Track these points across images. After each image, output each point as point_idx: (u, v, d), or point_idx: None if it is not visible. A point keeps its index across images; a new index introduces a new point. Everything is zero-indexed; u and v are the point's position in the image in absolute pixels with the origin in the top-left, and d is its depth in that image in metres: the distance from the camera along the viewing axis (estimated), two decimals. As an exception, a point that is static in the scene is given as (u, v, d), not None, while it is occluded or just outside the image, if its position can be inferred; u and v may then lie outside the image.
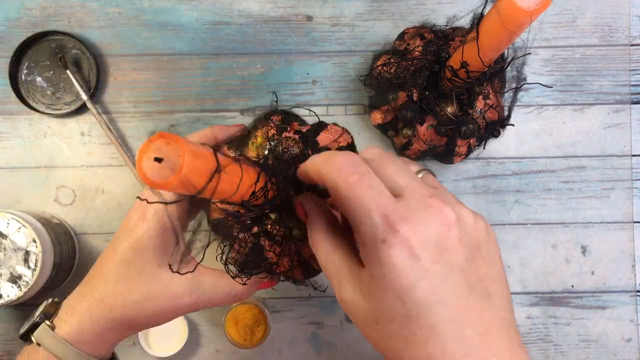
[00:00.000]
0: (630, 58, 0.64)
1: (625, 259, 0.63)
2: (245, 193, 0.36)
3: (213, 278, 0.45)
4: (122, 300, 0.43)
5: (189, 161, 0.28)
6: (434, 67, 0.54)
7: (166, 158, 0.28)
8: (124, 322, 0.43)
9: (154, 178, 0.28)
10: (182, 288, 0.43)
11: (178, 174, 0.27)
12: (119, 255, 0.43)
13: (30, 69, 0.61)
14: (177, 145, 0.28)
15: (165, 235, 0.43)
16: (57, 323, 0.43)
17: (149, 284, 0.43)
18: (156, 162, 0.28)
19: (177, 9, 0.62)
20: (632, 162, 0.63)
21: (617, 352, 0.63)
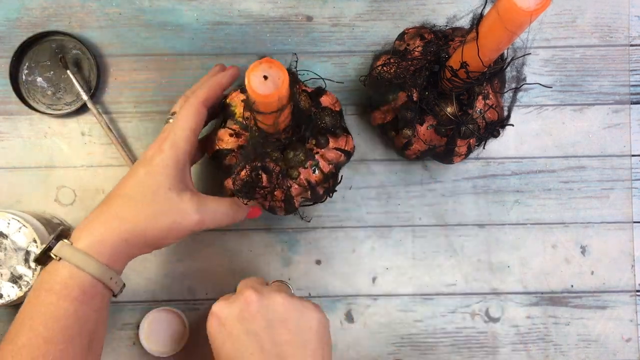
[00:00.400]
0: (630, 58, 0.64)
1: (625, 259, 0.63)
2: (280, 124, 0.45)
3: (215, 201, 0.52)
4: (137, 213, 0.48)
5: (286, 83, 0.38)
6: (433, 67, 0.54)
7: (270, 77, 0.38)
8: (139, 235, 0.48)
9: (259, 91, 0.38)
10: (190, 207, 0.50)
11: (279, 90, 0.38)
12: (135, 178, 0.49)
13: (31, 69, 0.61)
14: (279, 70, 0.38)
15: (177, 166, 0.50)
16: (73, 240, 0.47)
17: (161, 202, 0.48)
18: (264, 79, 0.38)
19: (177, 9, 0.62)
20: (632, 162, 0.64)
21: (617, 352, 0.63)
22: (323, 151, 0.53)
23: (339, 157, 0.54)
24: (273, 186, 0.51)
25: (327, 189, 0.55)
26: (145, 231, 0.48)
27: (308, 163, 0.52)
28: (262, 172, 0.51)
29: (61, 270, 0.45)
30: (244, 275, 0.63)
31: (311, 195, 0.54)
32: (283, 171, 0.51)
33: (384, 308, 0.63)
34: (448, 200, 0.63)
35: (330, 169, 0.53)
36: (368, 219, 0.63)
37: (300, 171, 0.52)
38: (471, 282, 0.63)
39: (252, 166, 0.50)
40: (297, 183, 0.52)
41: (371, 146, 0.63)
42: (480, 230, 0.63)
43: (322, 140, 0.52)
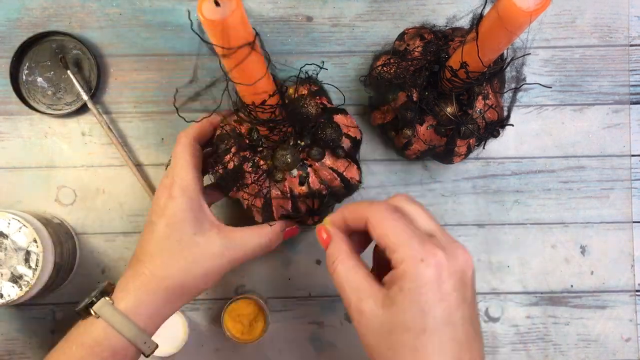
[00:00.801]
0: (630, 58, 0.64)
1: (625, 258, 0.63)
2: (258, 96, 0.42)
3: (242, 233, 0.51)
4: (171, 269, 0.47)
5: (239, 13, 0.35)
6: (433, 67, 0.54)
7: (222, 4, 0.35)
8: (177, 290, 0.47)
9: (212, 17, 0.35)
10: (219, 248, 0.49)
11: (231, 16, 0.35)
12: (157, 233, 0.48)
13: (31, 69, 0.61)
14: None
15: (193, 207, 0.49)
16: (114, 299, 0.47)
17: (190, 251, 0.48)
18: (215, 5, 0.35)
19: (177, 9, 0.63)
20: (632, 162, 0.64)
21: (617, 351, 0.63)
22: (317, 166, 0.51)
23: (334, 180, 0.51)
24: (253, 180, 0.49)
25: (311, 209, 0.52)
26: (183, 285, 0.48)
27: (296, 172, 0.50)
28: (247, 164, 0.49)
29: (97, 327, 0.45)
30: (244, 275, 0.63)
31: (292, 208, 0.52)
32: (270, 170, 0.49)
33: (383, 308, 0.63)
34: (448, 200, 0.63)
35: (319, 188, 0.51)
36: (368, 219, 0.63)
37: (286, 177, 0.50)
38: (471, 282, 0.63)
39: (240, 155, 0.49)
40: (278, 188, 0.50)
41: (371, 146, 0.63)
42: (479, 230, 0.63)
43: (315, 151, 0.50)
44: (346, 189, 0.53)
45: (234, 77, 0.41)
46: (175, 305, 0.49)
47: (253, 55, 0.38)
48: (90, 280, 0.62)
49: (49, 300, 0.62)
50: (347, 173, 0.52)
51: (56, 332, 0.62)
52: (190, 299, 0.50)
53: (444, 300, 0.37)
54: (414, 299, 0.36)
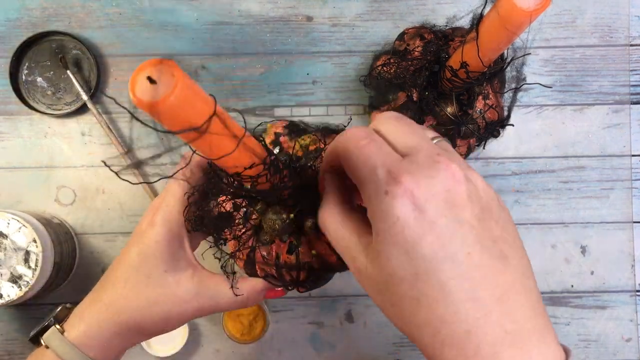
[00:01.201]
0: (630, 58, 0.64)
1: (625, 258, 0.63)
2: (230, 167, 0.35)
3: (218, 282, 0.45)
4: (129, 304, 0.43)
5: (182, 89, 0.27)
6: (433, 67, 0.54)
7: (160, 82, 0.27)
8: (131, 327, 0.43)
9: (143, 98, 0.27)
10: (188, 293, 0.43)
11: (169, 96, 0.27)
12: (128, 261, 0.44)
13: (31, 69, 0.61)
14: (172, 70, 0.27)
15: (172, 242, 0.43)
16: (66, 327, 0.43)
17: (155, 289, 0.43)
18: (149, 82, 0.27)
19: (177, 9, 0.62)
20: (632, 162, 0.64)
21: (617, 351, 0.63)
22: (313, 237, 0.43)
23: (330, 256, 0.44)
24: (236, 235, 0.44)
25: (296, 280, 0.45)
26: (140, 323, 0.43)
27: (287, 238, 0.44)
28: (237, 213, 0.43)
29: (49, 357, 0.42)
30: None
31: (276, 273, 0.45)
32: (257, 227, 0.43)
33: (384, 308, 0.63)
34: (448, 200, 0.63)
35: (310, 261, 0.44)
36: (368, 219, 0.63)
37: (275, 240, 0.44)
38: (471, 282, 0.63)
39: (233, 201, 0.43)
40: (264, 250, 0.44)
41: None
42: (480, 230, 0.63)
43: (309, 223, 0.42)
44: (344, 266, 0.41)
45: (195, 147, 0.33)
46: (129, 342, 0.44)
47: (207, 136, 0.30)
48: (90, 280, 0.62)
49: (49, 300, 0.62)
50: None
51: (56, 332, 0.62)
52: (148, 338, 0.46)
53: (429, 232, 0.29)
54: (392, 241, 0.29)
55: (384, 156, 0.31)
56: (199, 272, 0.44)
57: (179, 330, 0.60)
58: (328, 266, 0.44)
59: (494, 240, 0.30)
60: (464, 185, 0.30)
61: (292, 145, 0.45)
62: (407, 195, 0.29)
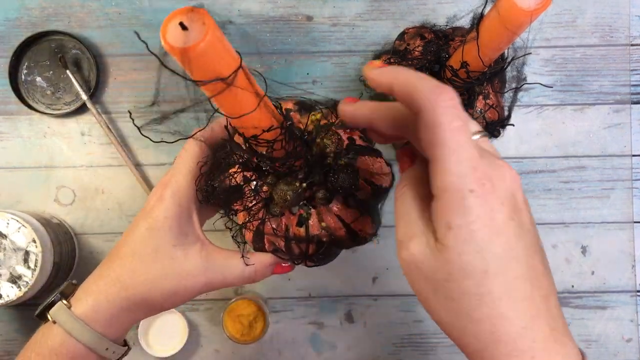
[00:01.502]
0: (630, 58, 0.64)
1: (625, 259, 0.63)
2: (248, 128, 0.36)
3: (226, 257, 0.45)
4: (137, 278, 0.43)
5: (212, 37, 0.28)
6: (434, 67, 0.54)
7: (191, 28, 0.29)
8: (139, 301, 0.43)
9: (175, 43, 0.29)
10: (197, 267, 0.44)
11: (200, 42, 0.28)
12: (136, 235, 0.44)
13: (30, 69, 0.61)
14: (203, 18, 0.28)
15: (181, 217, 0.44)
16: (73, 302, 0.43)
17: (164, 263, 0.43)
18: (181, 28, 0.29)
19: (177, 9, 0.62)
20: (632, 162, 0.63)
21: (618, 352, 0.63)
22: (323, 209, 0.44)
23: (339, 230, 0.44)
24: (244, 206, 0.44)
25: (305, 254, 0.45)
26: (147, 298, 0.43)
27: (297, 210, 0.44)
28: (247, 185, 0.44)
29: (54, 334, 0.42)
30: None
31: (285, 247, 0.45)
32: (267, 199, 0.43)
33: (384, 308, 0.63)
34: (448, 200, 0.63)
35: (319, 234, 0.44)
36: (368, 219, 0.63)
37: (285, 213, 0.44)
38: (471, 282, 0.63)
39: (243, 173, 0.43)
40: (273, 222, 0.44)
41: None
42: (480, 230, 0.63)
43: (321, 194, 0.43)
44: (353, 241, 0.45)
45: (216, 103, 0.34)
46: (137, 317, 0.44)
47: (233, 89, 0.31)
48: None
49: (49, 301, 0.62)
50: (356, 225, 0.45)
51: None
52: (156, 313, 0.46)
53: (501, 233, 0.31)
54: (467, 238, 0.30)
55: (470, 150, 0.31)
56: (207, 247, 0.45)
57: (179, 330, 0.60)
58: (337, 240, 0.45)
59: (537, 247, 0.33)
60: (521, 191, 0.33)
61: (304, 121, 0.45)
62: (490, 197, 0.31)
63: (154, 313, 0.45)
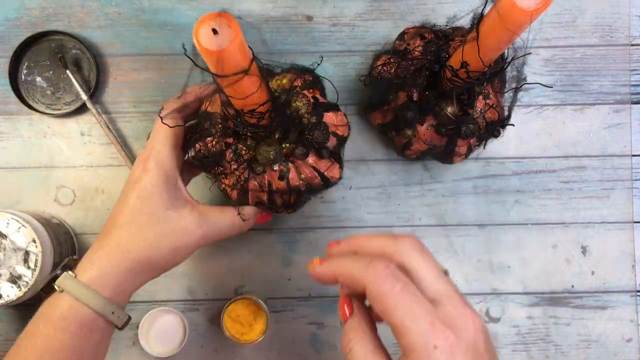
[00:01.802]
0: (630, 58, 0.64)
1: (625, 259, 0.63)
2: (248, 106, 0.43)
3: (216, 212, 0.50)
4: (138, 241, 0.46)
5: (238, 42, 0.35)
6: (434, 67, 0.54)
7: (221, 32, 0.34)
8: (143, 262, 0.46)
9: (209, 47, 0.34)
10: (192, 223, 0.48)
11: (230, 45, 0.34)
12: (129, 205, 0.47)
13: (30, 69, 0.61)
14: (232, 26, 0.34)
15: (167, 182, 0.48)
16: (78, 272, 0.45)
17: (160, 224, 0.47)
18: (213, 33, 0.34)
19: (177, 9, 0.62)
20: (632, 162, 0.63)
21: (618, 352, 0.63)
22: (299, 163, 0.51)
23: (314, 179, 0.51)
24: (231, 169, 0.49)
25: (286, 203, 0.52)
26: (150, 257, 0.47)
27: (277, 166, 0.50)
28: (228, 150, 0.49)
29: (62, 303, 0.44)
30: (244, 276, 0.63)
31: (267, 200, 0.51)
32: (250, 161, 0.49)
33: (384, 308, 0.63)
34: (448, 200, 0.63)
35: (298, 184, 0.51)
36: (368, 219, 0.63)
37: (267, 170, 0.50)
38: (471, 282, 0.63)
39: (220, 139, 0.48)
40: (257, 180, 0.50)
41: (371, 146, 0.63)
42: (480, 230, 0.63)
43: (300, 151, 0.50)
44: (325, 186, 0.53)
45: (227, 91, 0.40)
46: (141, 278, 0.47)
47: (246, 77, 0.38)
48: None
49: (48, 301, 0.61)
50: (328, 172, 0.52)
51: (55, 332, 0.62)
52: (159, 273, 0.49)
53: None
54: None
55: (422, 306, 0.35)
56: (197, 207, 0.49)
57: (179, 330, 0.60)
58: (313, 188, 0.52)
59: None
60: (482, 335, 0.35)
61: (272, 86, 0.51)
62: (452, 350, 0.34)
63: (157, 274, 0.48)
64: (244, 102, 0.42)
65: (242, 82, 0.38)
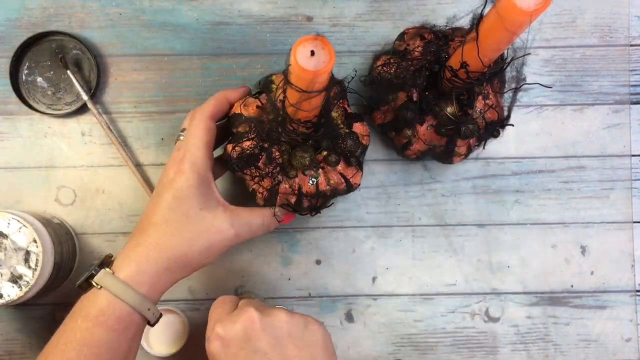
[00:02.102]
0: (630, 58, 0.64)
1: (625, 259, 0.63)
2: (309, 116, 0.47)
3: (247, 212, 0.52)
4: (174, 240, 0.48)
5: (331, 64, 0.38)
6: (433, 67, 0.54)
7: (317, 54, 0.38)
8: (179, 260, 0.48)
9: (308, 67, 0.38)
10: (225, 223, 0.50)
11: (324, 69, 0.38)
12: (164, 204, 0.49)
13: (31, 69, 0.61)
14: (327, 49, 0.38)
15: (201, 184, 0.49)
16: (115, 269, 0.47)
17: (196, 224, 0.49)
18: (310, 54, 0.38)
19: (177, 9, 0.62)
20: (632, 162, 0.64)
21: (617, 352, 0.63)
22: (329, 169, 0.53)
23: (340, 184, 0.54)
24: (266, 172, 0.51)
25: (313, 206, 0.55)
26: (186, 255, 0.48)
27: (309, 172, 0.52)
28: (263, 153, 0.51)
29: (100, 298, 0.46)
30: (244, 275, 0.63)
31: (295, 202, 0.53)
32: (284, 164, 0.51)
33: (384, 308, 0.63)
34: (448, 200, 0.63)
35: (326, 189, 0.53)
36: (368, 219, 0.63)
37: (299, 174, 0.52)
38: (471, 282, 0.63)
39: (258, 142, 0.51)
40: (288, 183, 0.52)
41: (371, 146, 0.63)
42: (480, 230, 0.63)
43: (333, 158, 0.52)
44: (347, 191, 0.55)
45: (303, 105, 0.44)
46: (176, 276, 0.49)
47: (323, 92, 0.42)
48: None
49: (49, 301, 0.62)
50: (353, 179, 0.54)
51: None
52: (192, 271, 0.50)
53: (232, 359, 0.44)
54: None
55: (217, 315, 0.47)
56: (229, 207, 0.51)
57: (179, 330, 0.60)
58: (337, 192, 0.55)
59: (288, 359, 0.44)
60: (257, 324, 0.44)
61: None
62: (218, 338, 0.45)
63: (192, 271, 0.50)
64: (307, 113, 0.45)
65: (320, 96, 0.42)
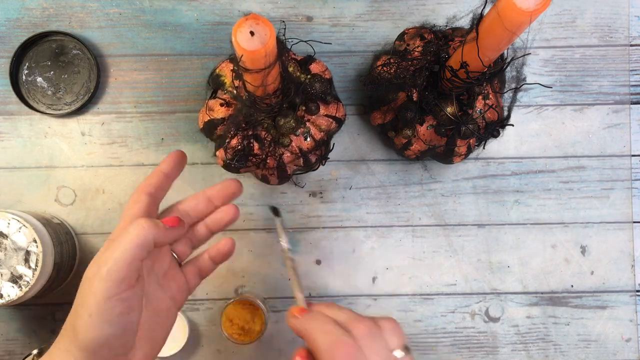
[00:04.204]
0: (630, 58, 0.64)
1: (625, 259, 0.63)
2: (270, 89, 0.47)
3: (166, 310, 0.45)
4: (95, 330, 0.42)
5: (273, 39, 0.39)
6: (433, 67, 0.54)
7: (257, 33, 0.39)
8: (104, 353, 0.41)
9: (246, 47, 0.39)
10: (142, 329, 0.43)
11: (266, 46, 0.39)
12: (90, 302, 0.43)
13: (31, 69, 0.61)
14: (265, 26, 0.39)
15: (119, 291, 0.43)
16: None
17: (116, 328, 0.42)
18: (250, 35, 0.39)
19: (177, 9, 0.62)
20: (632, 162, 0.64)
21: (617, 351, 0.63)
22: (314, 118, 0.54)
23: (330, 125, 0.55)
24: (265, 154, 0.52)
25: (320, 156, 0.56)
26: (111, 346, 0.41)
27: (299, 130, 0.53)
28: (253, 140, 0.52)
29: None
30: (244, 276, 0.63)
31: (304, 163, 0.55)
32: (275, 139, 0.52)
33: (384, 308, 0.63)
34: (448, 200, 0.63)
35: (321, 136, 0.54)
36: (368, 219, 0.63)
37: (292, 138, 0.53)
38: (471, 282, 0.63)
39: (243, 134, 0.51)
40: (289, 150, 0.53)
41: (371, 146, 0.63)
42: (480, 230, 0.63)
43: (312, 106, 0.53)
44: (339, 126, 0.57)
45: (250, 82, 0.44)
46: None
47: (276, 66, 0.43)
48: (90, 280, 0.62)
49: (49, 300, 0.62)
50: (338, 113, 0.55)
51: (56, 332, 0.62)
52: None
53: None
54: None
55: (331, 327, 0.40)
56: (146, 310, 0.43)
57: (179, 330, 0.60)
58: (332, 133, 0.56)
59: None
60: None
61: None
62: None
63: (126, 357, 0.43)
64: (273, 85, 0.46)
65: (273, 71, 0.42)
